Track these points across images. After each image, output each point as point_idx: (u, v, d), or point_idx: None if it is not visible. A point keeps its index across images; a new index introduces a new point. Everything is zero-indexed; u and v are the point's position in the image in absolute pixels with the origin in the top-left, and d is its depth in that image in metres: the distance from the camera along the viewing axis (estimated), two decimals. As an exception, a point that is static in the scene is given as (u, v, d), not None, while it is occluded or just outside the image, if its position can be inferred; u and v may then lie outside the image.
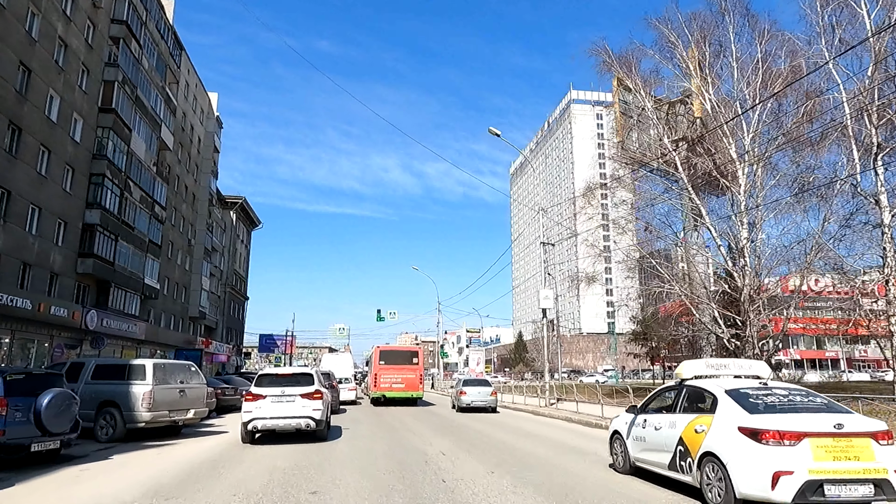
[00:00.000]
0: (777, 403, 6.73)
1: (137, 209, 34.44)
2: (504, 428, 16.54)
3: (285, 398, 11.96)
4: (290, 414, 11.90)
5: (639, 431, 8.55)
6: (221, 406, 20.64)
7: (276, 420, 11.84)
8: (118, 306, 32.38)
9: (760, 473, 5.96)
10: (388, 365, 26.55)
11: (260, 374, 13.22)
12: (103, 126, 30.44)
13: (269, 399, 11.95)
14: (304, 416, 11.90)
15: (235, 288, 64.63)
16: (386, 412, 22.36)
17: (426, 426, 17.17)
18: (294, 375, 12.80)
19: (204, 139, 51.41)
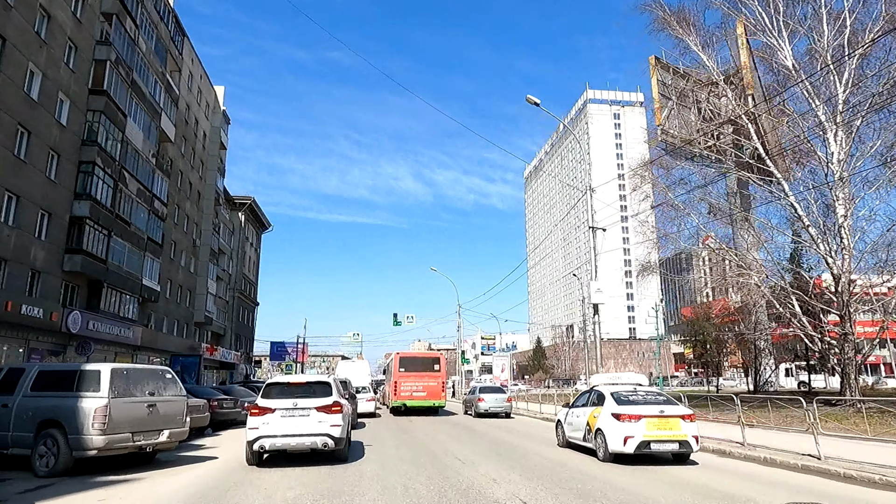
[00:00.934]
0: (635, 400, 11.27)
1: (134, 203, 31.55)
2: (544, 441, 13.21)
3: (298, 412, 10.13)
4: (303, 431, 10.01)
5: (570, 419, 13.08)
6: (218, 421, 17.47)
7: (288, 438, 9.95)
8: (112, 309, 29.42)
9: (619, 438, 10.52)
10: (409, 372, 25.38)
11: (268, 384, 11.05)
12: (94, 109, 27.60)
13: (278, 413, 10.08)
14: (320, 433, 10.04)
15: (244, 293, 61.76)
16: (410, 425, 19.69)
17: (464, 443, 13.93)
18: (308, 385, 10.83)
19: (210, 134, 48.69)
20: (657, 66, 31.33)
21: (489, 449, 13.10)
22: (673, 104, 32.48)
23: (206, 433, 16.62)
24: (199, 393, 17.37)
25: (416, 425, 19.69)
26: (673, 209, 24.50)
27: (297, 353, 66.08)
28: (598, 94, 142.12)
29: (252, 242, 65.88)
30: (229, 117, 53.31)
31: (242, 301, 60.94)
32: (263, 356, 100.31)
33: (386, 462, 10.68)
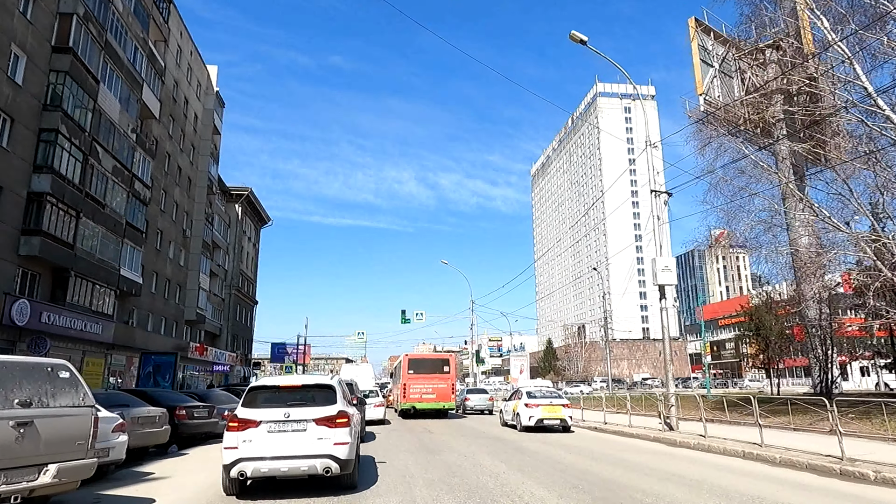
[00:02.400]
0: (537, 395, 18.67)
1: (109, 182, 27.78)
2: (634, 469, 9.33)
3: (291, 426, 7.66)
4: (298, 451, 7.54)
5: (505, 408, 20.57)
6: (187, 435, 13.62)
7: (277, 462, 7.45)
8: (83, 302, 25.63)
9: (527, 417, 17.81)
10: (418, 374, 25.02)
11: (252, 388, 8.42)
12: (57, 69, 23.87)
13: (264, 427, 7.59)
14: (320, 453, 7.56)
15: (242, 290, 57.97)
16: (427, 435, 16.71)
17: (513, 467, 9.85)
18: (305, 389, 8.35)
19: (202, 117, 44.96)
20: (698, 28, 27.60)
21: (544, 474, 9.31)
22: (715, 72, 28.75)
23: (170, 451, 12.78)
24: (161, 399, 13.54)
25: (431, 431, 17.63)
26: (742, 174, 20.49)
27: (298, 355, 62.10)
28: (608, 87, 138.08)
29: (250, 237, 62.12)
30: (224, 100, 49.63)
31: (240, 299, 57.16)
32: (264, 359, 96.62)
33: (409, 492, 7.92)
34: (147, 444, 11.24)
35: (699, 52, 27.89)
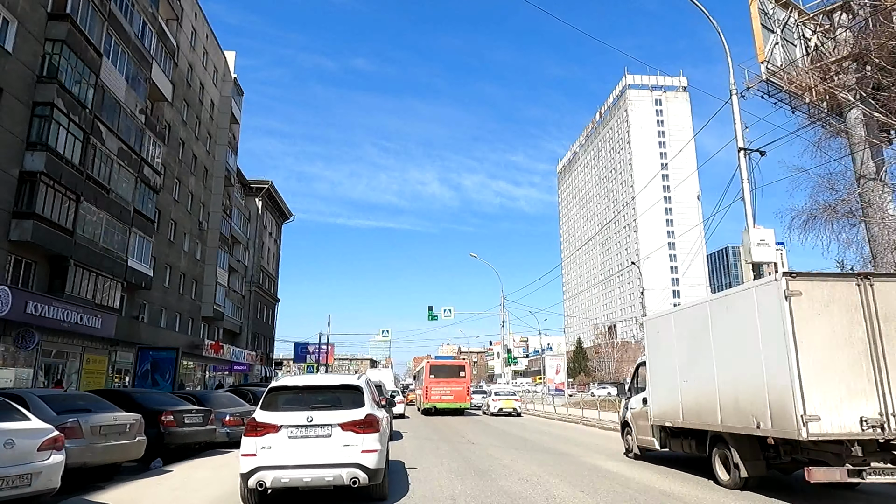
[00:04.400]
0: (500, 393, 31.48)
1: (114, 165, 25.69)
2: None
3: (314, 431, 6.64)
4: (323, 460, 6.51)
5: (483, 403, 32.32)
6: (175, 446, 11.11)
7: (300, 470, 6.45)
8: (84, 293, 23.51)
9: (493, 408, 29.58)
10: (438, 378, 28.65)
11: (272, 388, 7.36)
12: (53, 38, 21.77)
13: (285, 433, 6.59)
14: (347, 462, 6.53)
15: (263, 288, 56.03)
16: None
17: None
18: (330, 390, 7.35)
19: (219, 105, 42.97)
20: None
21: None
22: (777, 38, 25.48)
23: (152, 467, 10.27)
24: (144, 401, 11.10)
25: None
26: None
27: (321, 354, 59.92)
28: (637, 79, 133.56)
29: (271, 232, 60.20)
30: (242, 88, 47.61)
31: (260, 296, 55.20)
32: (287, 359, 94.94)
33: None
34: (114, 460, 8.72)
35: (759, 17, 24.77)
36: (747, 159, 13.32)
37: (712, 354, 8.92)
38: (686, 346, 9.90)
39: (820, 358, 7.04)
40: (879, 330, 7.22)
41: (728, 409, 8.38)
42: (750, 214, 12.90)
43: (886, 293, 7.41)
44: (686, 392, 9.74)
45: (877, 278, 7.53)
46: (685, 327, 10.09)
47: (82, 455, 7.95)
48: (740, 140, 13.54)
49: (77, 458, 7.90)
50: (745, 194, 13.09)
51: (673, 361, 10.32)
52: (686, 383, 9.74)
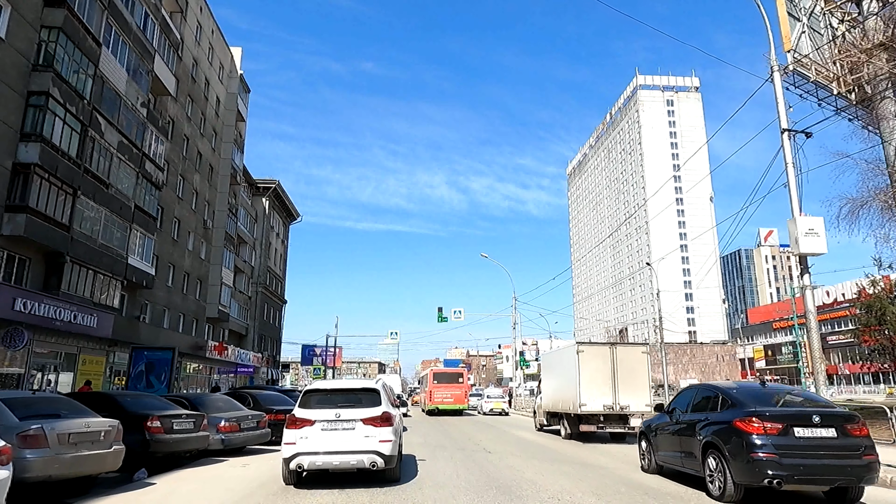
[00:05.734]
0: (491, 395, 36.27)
1: (114, 159, 24.81)
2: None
3: (342, 425, 8.41)
4: (348, 448, 8.28)
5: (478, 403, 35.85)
6: (164, 454, 10.06)
7: (330, 456, 8.26)
8: (81, 291, 22.61)
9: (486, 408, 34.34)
10: (440, 384, 32.42)
11: (307, 391, 9.09)
12: (50, 25, 20.93)
13: (318, 426, 8.37)
14: (367, 450, 8.29)
15: (270, 289, 55.16)
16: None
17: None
18: (353, 392, 9.02)
19: (225, 101, 42.17)
20: (784, -24, 23.20)
21: None
22: (804, 26, 24.24)
23: (136, 478, 9.22)
24: (130, 405, 10.10)
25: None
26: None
27: (328, 357, 58.88)
28: (648, 79, 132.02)
29: (279, 233, 59.36)
30: (248, 86, 46.82)
31: (267, 298, 54.32)
32: (295, 361, 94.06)
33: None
34: (86, 472, 7.66)
35: (786, 4, 23.56)
36: (791, 141, 12.11)
37: (560, 376, 18.29)
38: (553, 371, 19.75)
39: (589, 379, 16.03)
40: (616, 368, 16.19)
41: (562, 402, 17.63)
42: (796, 202, 11.69)
43: (622, 351, 16.69)
44: (553, 394, 19.17)
45: (617, 346, 17.10)
46: (553, 361, 20.45)
47: (46, 467, 6.91)
48: (783, 121, 12.34)
49: (40, 471, 6.87)
50: (790, 179, 11.88)
51: (550, 379, 20.02)
52: (553, 390, 19.24)
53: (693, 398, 9.13)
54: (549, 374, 20.06)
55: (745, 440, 7.24)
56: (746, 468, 7.14)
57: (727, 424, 7.64)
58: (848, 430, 7.32)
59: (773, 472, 6.93)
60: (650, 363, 16.78)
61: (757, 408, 7.53)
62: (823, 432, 7.24)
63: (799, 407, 7.82)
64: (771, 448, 7.06)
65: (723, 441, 7.57)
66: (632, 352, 16.87)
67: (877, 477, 7.36)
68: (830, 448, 7.13)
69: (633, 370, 16.24)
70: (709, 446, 7.87)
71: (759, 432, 7.21)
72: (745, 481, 7.22)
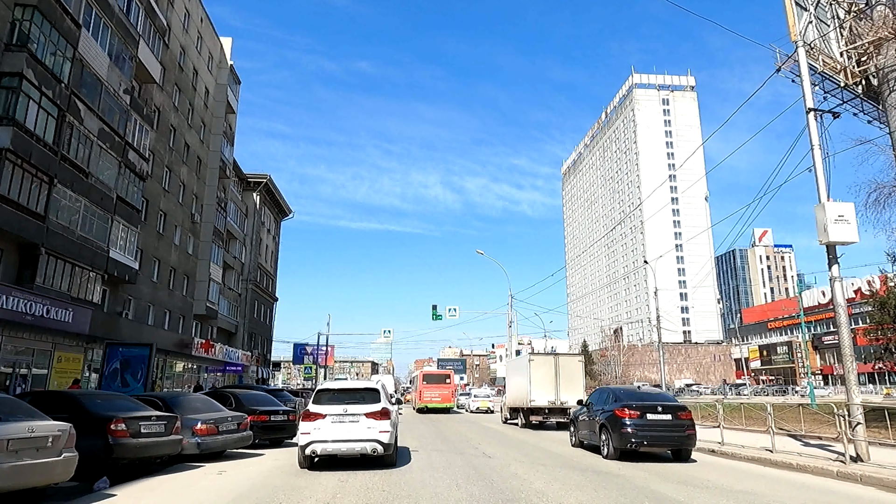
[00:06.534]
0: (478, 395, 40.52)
1: (94, 147, 23.68)
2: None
3: (348, 418, 9.98)
4: (353, 437, 9.89)
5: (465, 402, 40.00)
6: (128, 461, 9.05)
7: (339, 444, 9.84)
8: (57, 285, 21.50)
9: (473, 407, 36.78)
10: (429, 384, 35.04)
11: (319, 390, 10.91)
12: (24, 3, 19.80)
13: (329, 419, 9.92)
14: (369, 438, 9.89)
15: (260, 286, 53.98)
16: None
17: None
18: (358, 391, 10.70)
19: (214, 93, 41.01)
20: (790, -37, 22.42)
21: None
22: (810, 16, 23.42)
23: (97, 489, 8.20)
24: (93, 405, 9.09)
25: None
26: None
27: (320, 355, 57.73)
28: (644, 78, 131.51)
29: (269, 229, 58.18)
30: (239, 77, 45.65)
31: (258, 295, 53.14)
32: (287, 360, 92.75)
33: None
34: (29, 484, 6.64)
35: (791, -8, 22.72)
36: (818, 122, 11.23)
37: (517, 379, 23.27)
38: (514, 374, 24.51)
39: (538, 381, 21.03)
40: (558, 373, 21.12)
41: (519, 399, 22.44)
42: (823, 186, 10.80)
43: (563, 360, 21.83)
44: (512, 394, 24.30)
45: (559, 356, 22.44)
46: (513, 367, 25.75)
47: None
48: (809, 100, 11.47)
49: (-31, 485, 5.83)
50: (817, 163, 10.99)
51: (510, 381, 25.34)
52: (512, 390, 24.30)
53: (600, 396, 13.60)
54: (510, 378, 25.56)
55: (620, 421, 11.55)
56: (621, 438, 11.44)
57: (612, 413, 11.96)
58: (679, 416, 11.72)
59: (635, 440, 11.27)
60: (584, 369, 22.23)
61: (627, 402, 12.00)
62: (664, 416, 11.66)
63: (651, 401, 12.30)
64: (633, 426, 11.38)
65: (609, 422, 11.90)
66: (570, 360, 22.19)
67: (694, 444, 11.79)
68: (667, 426, 11.57)
69: (571, 375, 21.24)
70: (602, 426, 12.24)
71: (627, 416, 11.53)
72: (619, 446, 11.50)
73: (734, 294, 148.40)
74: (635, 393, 13.27)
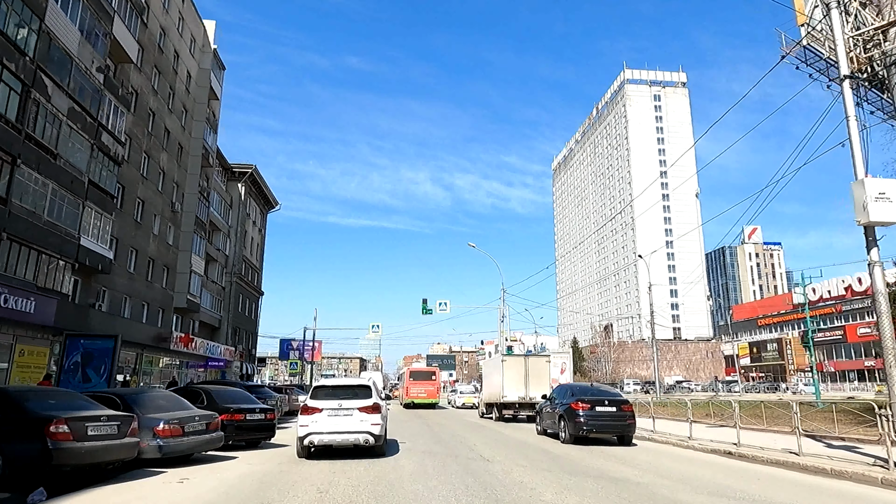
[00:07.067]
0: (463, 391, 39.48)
1: (63, 127, 22.19)
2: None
3: (342, 412, 10.96)
4: (347, 429, 10.88)
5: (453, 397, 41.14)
6: (71, 467, 7.79)
7: (334, 435, 10.84)
8: (21, 274, 20.05)
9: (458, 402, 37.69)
10: (416, 381, 36.88)
11: (316, 386, 11.88)
12: (-17, -33, 18.30)
13: (325, 413, 10.93)
14: (362, 430, 10.89)
15: (245, 279, 52.44)
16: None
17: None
18: (351, 387, 11.75)
19: (196, 77, 39.41)
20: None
21: None
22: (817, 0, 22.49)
23: (31, 500, 6.93)
24: (30, 404, 7.80)
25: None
26: None
27: (306, 351, 56.32)
28: (636, 73, 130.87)
29: (255, 221, 56.61)
30: (223, 63, 44.04)
31: (242, 288, 51.61)
32: (273, 357, 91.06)
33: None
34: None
35: (798, -25, 21.73)
36: (854, 92, 10.17)
37: (492, 377, 25.34)
38: (489, 372, 26.60)
39: (510, 379, 23.15)
40: (527, 372, 23.16)
41: (493, 395, 24.55)
42: (860, 161, 9.76)
43: (531, 360, 24.02)
44: (487, 390, 26.59)
45: (529, 357, 24.93)
46: (488, 366, 27.98)
47: None
48: (844, 66, 10.40)
49: None
50: (852, 134, 9.95)
51: (486, 379, 27.44)
52: (488, 387, 26.49)
53: (560, 391, 16.33)
54: (486, 376, 27.84)
55: (574, 413, 14.00)
56: (575, 426, 13.92)
57: (568, 405, 14.44)
58: (622, 408, 14.26)
59: (586, 427, 13.80)
60: (550, 368, 24.59)
61: (581, 396, 14.55)
62: (610, 408, 14.15)
63: (600, 396, 14.83)
64: (585, 416, 13.87)
65: (566, 413, 14.33)
66: (538, 361, 24.35)
67: (634, 431, 14.27)
68: (613, 416, 14.03)
69: (539, 373, 23.32)
70: (561, 416, 14.67)
71: (580, 409, 13.98)
72: (574, 433, 13.99)
73: (723, 291, 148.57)
74: (588, 389, 15.89)
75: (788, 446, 11.34)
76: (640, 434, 15.16)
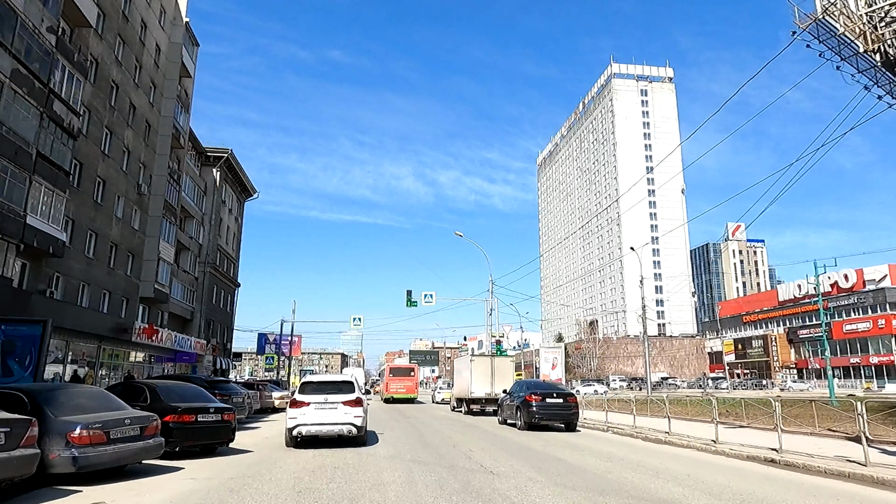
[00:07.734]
0: (444, 387, 43.18)
1: (5, 90, 19.72)
2: None
3: (328, 405, 12.04)
4: (332, 421, 11.95)
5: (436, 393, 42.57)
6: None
7: (320, 426, 11.93)
8: (-48, 254, 17.61)
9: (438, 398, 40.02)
10: (396, 377, 38.64)
11: (304, 382, 12.99)
12: None
13: (312, 406, 12.00)
14: (346, 422, 11.98)
15: (220, 270, 49.85)
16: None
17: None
18: (336, 383, 12.85)
19: (167, 51, 36.80)
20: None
21: None
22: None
23: None
24: None
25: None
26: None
27: (283, 345, 53.91)
28: (623, 68, 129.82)
29: (231, 209, 53.98)
30: (197, 39, 41.42)
31: (217, 279, 49.06)
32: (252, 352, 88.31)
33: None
34: None
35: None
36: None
37: (462, 375, 27.99)
38: (459, 371, 29.37)
39: (478, 376, 25.61)
40: (493, 370, 25.68)
41: (462, 391, 27.34)
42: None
43: (497, 360, 26.85)
44: (458, 386, 29.25)
45: (495, 357, 28.27)
46: (459, 365, 30.29)
47: None
48: None
49: None
50: None
51: (457, 377, 30.49)
52: (458, 384, 29.15)
53: (518, 386, 19.56)
54: (457, 374, 30.23)
55: (529, 403, 17.04)
56: (529, 415, 16.90)
57: (523, 397, 17.46)
58: (568, 400, 17.52)
59: (538, 416, 16.85)
60: (514, 367, 27.79)
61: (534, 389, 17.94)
62: (558, 400, 17.30)
63: (550, 389, 18.69)
64: (537, 406, 16.93)
65: (522, 404, 17.31)
66: (503, 360, 27.00)
67: (578, 419, 17.51)
68: (560, 407, 17.15)
69: (503, 371, 25.58)
70: (517, 407, 17.67)
71: (533, 400, 17.03)
72: (528, 421, 16.93)
73: (707, 288, 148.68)
74: (541, 384, 19.75)
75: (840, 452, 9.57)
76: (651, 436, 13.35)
